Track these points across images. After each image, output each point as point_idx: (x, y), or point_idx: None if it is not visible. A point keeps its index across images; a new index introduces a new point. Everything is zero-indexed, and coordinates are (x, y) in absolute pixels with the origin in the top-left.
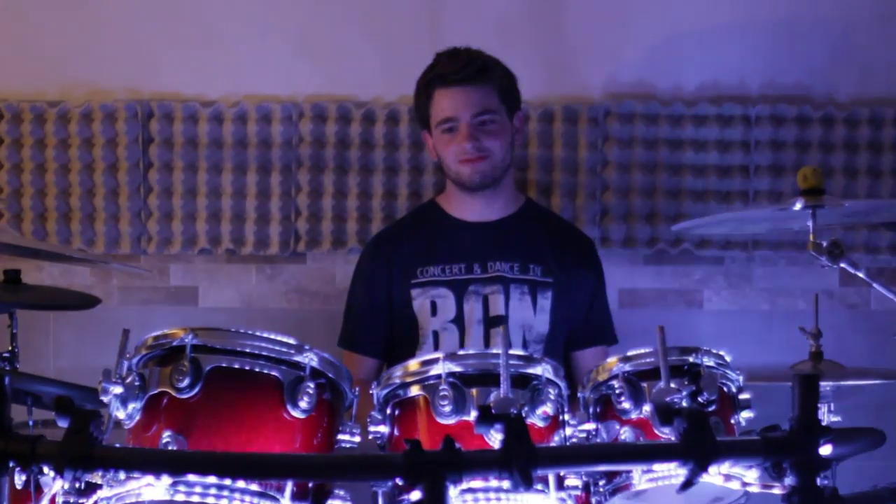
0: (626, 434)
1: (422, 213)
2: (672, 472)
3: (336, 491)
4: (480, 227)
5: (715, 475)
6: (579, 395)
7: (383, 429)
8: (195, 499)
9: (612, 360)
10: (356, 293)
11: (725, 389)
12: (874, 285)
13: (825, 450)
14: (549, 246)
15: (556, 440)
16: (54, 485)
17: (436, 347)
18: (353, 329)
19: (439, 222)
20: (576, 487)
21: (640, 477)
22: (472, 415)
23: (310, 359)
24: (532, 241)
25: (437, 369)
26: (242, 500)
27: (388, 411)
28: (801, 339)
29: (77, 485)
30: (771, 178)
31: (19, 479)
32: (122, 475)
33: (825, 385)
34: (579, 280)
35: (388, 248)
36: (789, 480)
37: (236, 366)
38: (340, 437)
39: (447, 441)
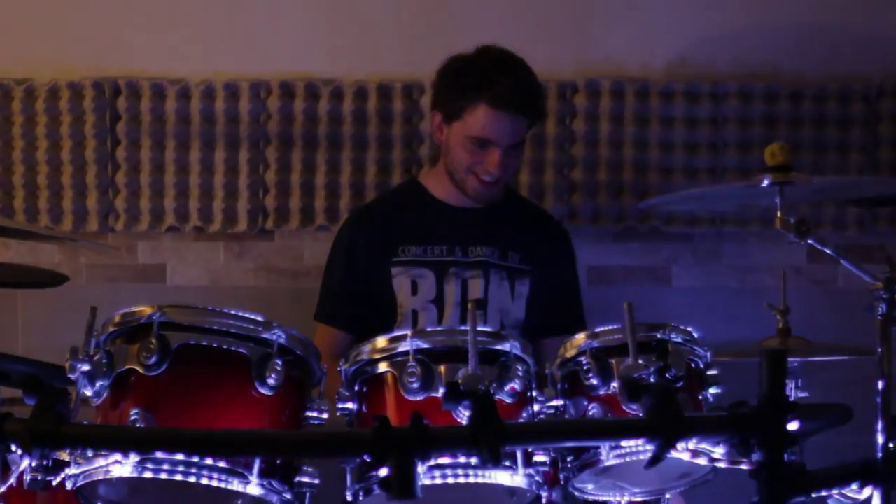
0: (593, 410)
1: (404, 191)
2: (640, 448)
3: (304, 468)
4: (463, 211)
5: (683, 451)
6: (547, 371)
7: (351, 405)
8: (163, 476)
9: (579, 336)
10: (335, 267)
11: (693, 366)
12: (842, 262)
13: (793, 426)
14: (528, 235)
15: (524, 416)
16: (22, 462)
17: (414, 326)
18: (330, 303)
19: (423, 202)
20: (544, 464)
21: (607, 453)
22: (440, 391)
23: (277, 336)
24: (512, 228)
25: (405, 346)
26: (210, 478)
27: (356, 388)
28: (768, 316)
29: (45, 462)
30: (739, 154)
31: None
32: (89, 453)
33: (793, 361)
34: (554, 269)
35: (369, 224)
36: (757, 456)
37: (204, 343)
38: (308, 413)
39: (415, 418)
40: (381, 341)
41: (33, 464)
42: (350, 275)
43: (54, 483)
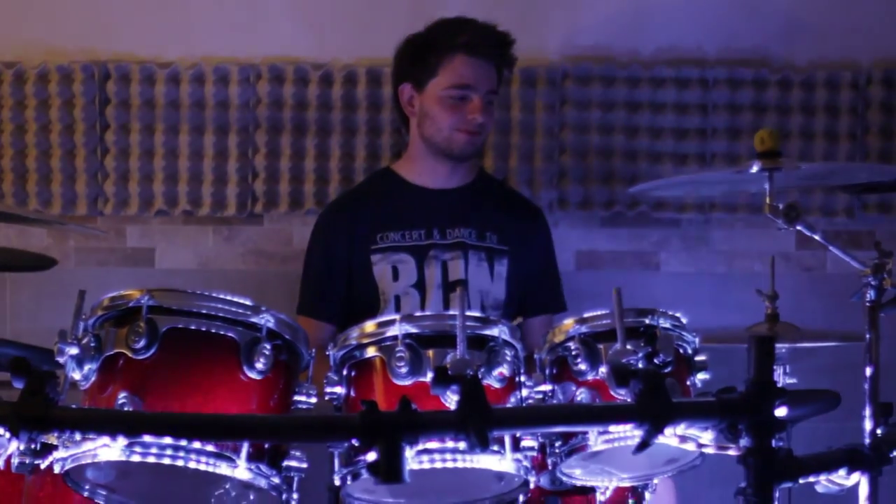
0: (582, 395)
1: (378, 179)
2: (628, 433)
3: (292, 452)
4: (440, 193)
5: (670, 436)
6: (535, 356)
7: (339, 390)
8: (151, 459)
9: (568, 321)
10: (314, 260)
11: (681, 351)
12: (830, 248)
13: (780, 411)
14: (503, 215)
15: (512, 401)
16: (9, 446)
17: (397, 311)
18: (311, 295)
19: (398, 189)
20: (532, 449)
21: (595, 438)
22: (429, 376)
23: (266, 320)
24: (488, 209)
25: (393, 330)
26: (198, 461)
27: (345, 372)
28: (757, 302)
29: (33, 446)
30: (728, 140)
31: None
32: (77, 436)
33: (781, 347)
34: (531, 248)
35: (346, 213)
36: (744, 442)
37: (192, 327)
38: (297, 398)
39: (403, 402)
40: (370, 326)
41: (21, 447)
42: (330, 267)
43: (42, 466)
